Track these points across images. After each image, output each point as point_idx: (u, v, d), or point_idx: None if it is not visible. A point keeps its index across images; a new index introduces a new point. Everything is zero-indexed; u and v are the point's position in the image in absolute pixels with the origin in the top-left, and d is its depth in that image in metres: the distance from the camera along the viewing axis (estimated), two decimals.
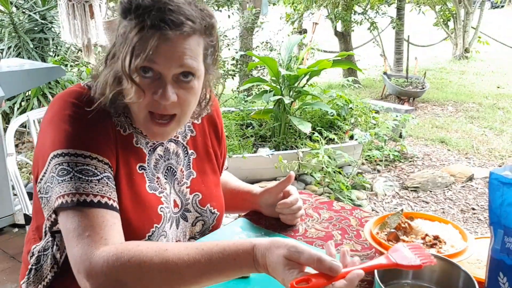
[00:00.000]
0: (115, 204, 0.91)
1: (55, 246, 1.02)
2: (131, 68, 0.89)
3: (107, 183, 0.91)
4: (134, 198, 0.98)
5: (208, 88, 1.06)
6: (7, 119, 4.20)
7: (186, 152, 1.13)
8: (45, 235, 1.04)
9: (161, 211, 1.02)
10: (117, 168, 0.96)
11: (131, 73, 0.90)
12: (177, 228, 1.08)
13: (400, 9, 7.78)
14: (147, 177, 1.03)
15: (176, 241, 1.07)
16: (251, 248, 0.79)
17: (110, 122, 0.98)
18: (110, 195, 0.90)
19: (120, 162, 0.97)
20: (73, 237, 0.85)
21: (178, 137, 1.12)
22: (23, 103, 4.21)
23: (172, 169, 1.09)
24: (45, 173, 0.92)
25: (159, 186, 1.05)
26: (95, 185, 0.89)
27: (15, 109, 4.10)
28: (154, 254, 0.81)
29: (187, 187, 1.11)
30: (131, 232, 0.95)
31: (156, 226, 1.00)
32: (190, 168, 1.12)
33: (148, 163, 1.04)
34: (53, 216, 0.95)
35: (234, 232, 1.18)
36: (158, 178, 1.05)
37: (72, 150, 0.90)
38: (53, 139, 0.92)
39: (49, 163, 0.91)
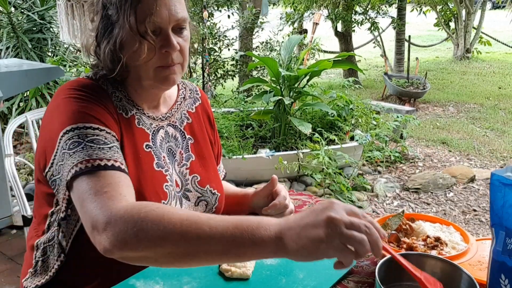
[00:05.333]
0: (127, 170, 0.94)
1: (60, 234, 1.05)
2: (140, 29, 0.96)
3: (117, 151, 0.94)
4: (142, 175, 1.02)
5: (191, 40, 1.12)
6: (5, 120, 4.20)
7: (184, 136, 1.18)
8: (49, 227, 1.07)
9: (166, 188, 1.07)
10: (122, 147, 1.00)
11: (143, 34, 0.96)
12: (181, 207, 1.12)
13: (401, 9, 7.77)
14: (155, 155, 1.08)
15: None
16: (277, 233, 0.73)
17: (112, 106, 1.03)
18: (122, 161, 0.93)
19: (125, 143, 1.02)
20: (90, 195, 0.83)
21: (175, 122, 1.17)
22: (21, 104, 4.20)
23: (172, 151, 1.14)
24: (55, 154, 0.93)
25: (165, 165, 1.10)
26: (107, 151, 0.91)
27: (13, 109, 4.10)
28: (178, 211, 0.80)
29: (186, 169, 1.15)
30: None
31: (163, 202, 1.04)
32: (188, 151, 1.18)
33: (153, 142, 1.09)
34: (67, 194, 0.94)
35: None
36: (164, 157, 1.11)
37: (81, 124, 0.93)
38: (61, 120, 0.94)
39: (59, 141, 0.92)
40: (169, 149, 1.13)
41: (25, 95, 4.25)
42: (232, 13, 5.99)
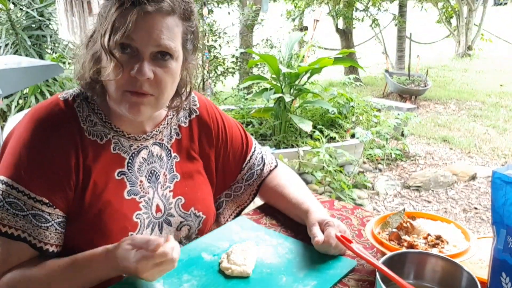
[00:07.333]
0: (34, 242, 0.95)
1: None
2: (110, 43, 0.91)
3: (30, 220, 0.94)
4: (108, 207, 1.00)
5: (188, 79, 1.06)
6: (4, 117, 4.20)
7: (169, 155, 1.12)
8: None
9: (137, 218, 1.03)
10: (84, 181, 0.99)
11: (111, 48, 0.92)
12: (161, 233, 1.08)
13: (402, 6, 7.77)
14: (129, 181, 1.04)
15: None
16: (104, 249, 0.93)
17: (78, 138, 0.98)
18: (31, 232, 0.94)
19: (94, 172, 1.00)
20: None
21: (163, 140, 1.11)
22: (20, 101, 4.19)
23: (155, 172, 1.09)
24: None
25: (141, 190, 1.05)
26: (20, 219, 0.93)
27: (13, 107, 4.09)
28: (37, 273, 0.94)
29: (170, 191, 1.10)
30: (106, 242, 0.97)
31: (131, 234, 1.01)
32: (173, 172, 1.11)
33: (129, 167, 1.05)
34: None
35: (233, 231, 1.16)
36: (141, 181, 1.06)
37: (10, 181, 0.94)
38: (4, 162, 0.97)
39: None
40: (152, 171, 1.07)
41: (24, 92, 4.25)
42: (232, 10, 5.99)
